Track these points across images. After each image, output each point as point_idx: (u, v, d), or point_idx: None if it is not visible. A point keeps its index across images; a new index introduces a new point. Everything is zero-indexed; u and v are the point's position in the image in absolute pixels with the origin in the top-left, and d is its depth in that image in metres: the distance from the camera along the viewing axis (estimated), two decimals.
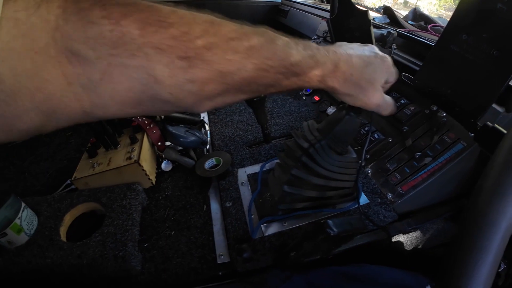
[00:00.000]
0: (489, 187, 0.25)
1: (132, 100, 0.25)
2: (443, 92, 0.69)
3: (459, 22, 0.66)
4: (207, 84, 0.27)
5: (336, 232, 0.42)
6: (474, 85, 0.64)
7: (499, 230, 0.23)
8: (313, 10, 1.61)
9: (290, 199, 0.62)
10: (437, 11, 8.36)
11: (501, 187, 0.24)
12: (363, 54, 0.40)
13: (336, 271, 0.53)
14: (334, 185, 0.62)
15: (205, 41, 0.25)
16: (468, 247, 0.24)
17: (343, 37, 0.92)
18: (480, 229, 0.24)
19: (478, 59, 0.63)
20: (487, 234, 0.23)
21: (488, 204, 0.24)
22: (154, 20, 0.23)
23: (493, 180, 0.25)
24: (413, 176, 0.70)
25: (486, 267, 0.23)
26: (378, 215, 0.67)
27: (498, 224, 0.23)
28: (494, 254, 0.23)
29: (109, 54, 0.22)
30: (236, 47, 0.27)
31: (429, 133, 0.73)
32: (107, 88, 0.23)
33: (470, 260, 0.23)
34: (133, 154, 0.73)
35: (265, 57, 0.29)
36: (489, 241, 0.23)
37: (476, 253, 0.23)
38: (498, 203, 0.24)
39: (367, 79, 0.40)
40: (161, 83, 0.25)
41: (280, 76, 0.32)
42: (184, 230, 0.68)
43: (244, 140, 0.92)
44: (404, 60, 0.89)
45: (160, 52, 0.23)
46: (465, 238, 0.25)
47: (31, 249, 0.58)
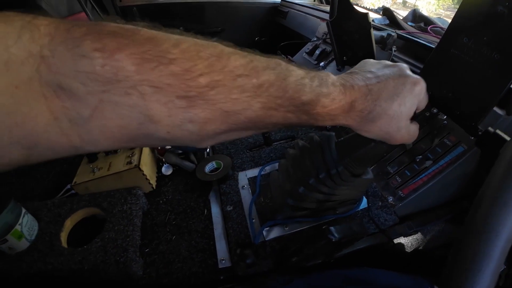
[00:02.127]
0: (491, 196, 0.25)
1: (125, 137, 0.24)
2: (443, 96, 0.69)
3: (460, 26, 0.66)
4: (208, 123, 0.25)
5: (337, 238, 0.42)
6: (475, 89, 0.64)
7: (501, 239, 0.24)
8: (313, 11, 1.61)
9: (291, 208, 0.62)
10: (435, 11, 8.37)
11: (503, 197, 0.24)
12: (386, 81, 0.34)
13: (337, 274, 0.53)
14: (341, 199, 0.61)
15: (209, 78, 0.23)
16: (471, 255, 0.24)
17: (343, 40, 0.92)
18: (482, 238, 0.24)
19: (479, 62, 0.63)
20: (489, 242, 0.24)
21: (491, 213, 0.24)
22: (153, 55, 0.21)
23: (495, 189, 0.26)
24: (413, 179, 0.70)
25: (489, 274, 0.23)
26: (379, 218, 0.67)
27: (500, 233, 0.24)
28: (496, 261, 0.24)
29: (101, 90, 0.20)
30: (243, 85, 0.25)
31: (429, 136, 0.73)
32: (98, 124, 0.22)
33: (473, 267, 0.24)
34: (133, 159, 0.73)
35: (275, 96, 0.27)
36: (491, 249, 0.24)
37: (478, 260, 0.24)
38: (500, 213, 0.24)
39: (392, 115, 0.34)
40: (157, 122, 0.23)
41: (290, 115, 0.29)
42: (185, 235, 0.68)
43: (244, 143, 0.92)
44: (404, 63, 0.89)
45: (158, 91, 0.22)
46: (468, 246, 0.25)
47: (32, 255, 0.58)
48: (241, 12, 1.99)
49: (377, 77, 0.34)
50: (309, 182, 0.55)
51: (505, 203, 0.24)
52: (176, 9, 1.89)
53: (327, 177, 0.53)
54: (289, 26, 1.84)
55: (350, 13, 0.85)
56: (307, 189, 0.56)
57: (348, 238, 0.44)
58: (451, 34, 0.68)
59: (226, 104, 0.24)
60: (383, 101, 0.33)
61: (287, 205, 0.60)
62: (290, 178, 0.60)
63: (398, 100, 0.33)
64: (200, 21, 1.96)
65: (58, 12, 1.26)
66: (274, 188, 0.66)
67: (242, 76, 0.25)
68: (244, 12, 2.00)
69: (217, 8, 1.94)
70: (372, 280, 0.54)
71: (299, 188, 0.56)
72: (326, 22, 0.94)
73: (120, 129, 0.23)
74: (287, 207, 0.60)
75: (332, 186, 0.55)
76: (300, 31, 1.69)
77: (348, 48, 0.93)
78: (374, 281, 0.54)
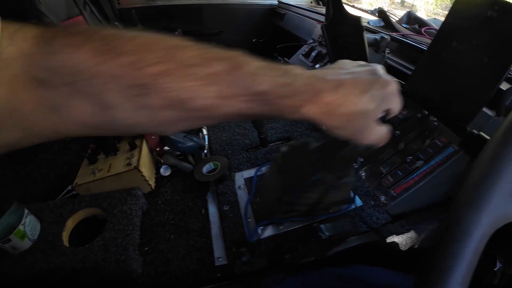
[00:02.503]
0: (465, 198, 0.27)
1: (93, 124, 0.27)
2: (434, 98, 0.70)
3: (450, 30, 0.68)
4: (163, 110, 0.27)
5: (327, 236, 0.43)
6: (464, 91, 0.65)
7: (472, 239, 0.25)
8: (309, 13, 1.62)
9: (284, 210, 0.64)
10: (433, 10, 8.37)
11: (476, 199, 0.26)
12: (360, 79, 0.34)
13: (330, 272, 0.55)
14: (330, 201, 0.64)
15: (159, 68, 0.25)
16: (444, 254, 0.25)
17: (337, 43, 0.94)
18: (454, 238, 0.25)
19: (468, 66, 0.64)
20: (461, 243, 0.25)
21: (463, 214, 0.26)
22: (108, 49, 0.24)
23: (470, 191, 0.27)
24: (405, 179, 0.72)
25: (460, 273, 0.24)
26: (371, 217, 0.68)
27: (472, 233, 0.25)
28: (468, 261, 0.25)
29: (69, 81, 0.24)
30: (195, 73, 0.26)
31: (421, 136, 0.75)
32: (69, 112, 0.25)
33: (445, 266, 0.25)
34: (133, 160, 0.74)
35: (228, 85, 0.28)
36: (463, 249, 0.25)
37: (450, 260, 0.25)
38: (473, 214, 0.25)
39: (360, 112, 0.33)
40: (114, 109, 0.26)
41: (249, 105, 0.29)
42: (183, 234, 0.69)
43: (241, 145, 0.94)
44: (397, 65, 0.91)
45: (112, 80, 0.24)
46: (441, 245, 0.26)
47: (35, 254, 0.60)
48: (239, 14, 2.01)
49: (349, 73, 0.34)
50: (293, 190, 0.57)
51: (478, 206, 0.25)
52: (175, 11, 1.91)
53: (310, 184, 0.55)
54: (286, 28, 1.85)
55: (343, 17, 0.87)
56: (293, 196, 0.58)
57: (339, 236, 0.46)
58: (441, 38, 0.70)
59: (179, 92, 0.26)
60: (353, 96, 0.33)
61: (278, 208, 0.62)
62: (277, 184, 0.62)
63: (367, 98, 0.33)
64: (198, 23, 1.98)
65: (57, 15, 1.27)
66: (266, 191, 0.68)
67: (195, 65, 0.26)
68: (242, 14, 2.01)
69: (215, 10, 1.95)
70: (365, 277, 0.56)
71: (284, 197, 0.58)
72: (321, 26, 0.96)
73: (87, 116, 0.26)
74: (278, 209, 0.63)
75: (316, 191, 0.57)
76: (297, 33, 1.71)
77: (342, 51, 0.95)
78: (367, 278, 0.56)
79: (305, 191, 0.55)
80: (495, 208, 0.26)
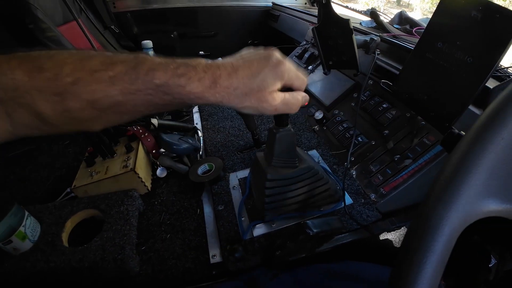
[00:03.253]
0: (435, 194, 0.28)
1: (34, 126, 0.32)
2: (419, 98, 0.72)
3: (435, 31, 0.69)
4: (81, 111, 0.32)
5: (314, 232, 0.45)
6: (449, 91, 0.67)
7: (442, 234, 0.26)
8: (303, 15, 1.64)
9: (273, 207, 0.67)
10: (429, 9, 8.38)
11: (445, 195, 0.27)
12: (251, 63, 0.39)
13: (321, 268, 0.57)
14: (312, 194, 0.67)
15: (72, 77, 0.31)
16: (416, 248, 0.27)
17: (328, 45, 0.96)
18: (425, 233, 0.27)
19: (453, 66, 0.66)
20: (430, 237, 0.26)
21: (433, 210, 0.27)
22: (36, 67, 0.30)
23: (439, 188, 0.28)
24: (394, 177, 0.74)
25: (431, 266, 0.26)
26: (362, 215, 0.70)
27: (441, 229, 0.26)
28: (439, 255, 0.26)
29: (13, 96, 0.30)
30: (99, 77, 0.31)
31: (409, 135, 0.77)
32: (17, 118, 0.31)
33: (417, 259, 0.26)
34: (129, 163, 0.76)
35: (129, 83, 0.33)
36: (433, 244, 0.26)
37: (422, 253, 0.26)
38: (442, 210, 0.27)
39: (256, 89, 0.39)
40: (45, 114, 0.31)
41: (151, 97, 0.34)
42: (179, 233, 0.71)
43: (235, 146, 0.96)
44: (387, 66, 0.93)
45: (40, 92, 0.30)
46: (414, 239, 0.28)
47: (35, 255, 0.62)
48: (234, 16, 2.02)
49: (244, 59, 0.39)
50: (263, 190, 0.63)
51: (447, 202, 0.27)
52: (170, 14, 1.92)
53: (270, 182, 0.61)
54: (281, 30, 1.87)
55: (333, 20, 0.89)
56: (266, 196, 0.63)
57: (326, 233, 0.48)
58: (426, 40, 0.72)
59: (90, 94, 0.31)
60: (247, 79, 0.38)
61: (267, 204, 0.65)
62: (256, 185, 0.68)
63: (260, 77, 0.38)
64: (193, 26, 2.00)
65: (53, 21, 1.28)
66: (254, 188, 0.72)
67: (99, 71, 0.32)
68: (237, 16, 2.03)
69: (210, 12, 1.97)
70: (354, 273, 0.58)
71: (259, 198, 0.65)
72: (312, 28, 0.98)
73: (29, 121, 0.32)
74: (268, 205, 0.65)
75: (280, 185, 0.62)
76: (291, 35, 1.73)
77: (333, 52, 0.97)
78: (356, 274, 0.58)
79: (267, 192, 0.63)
80: (464, 204, 0.27)
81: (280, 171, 0.63)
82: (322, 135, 0.98)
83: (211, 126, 1.07)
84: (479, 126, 0.29)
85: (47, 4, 1.27)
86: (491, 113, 0.29)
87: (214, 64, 0.38)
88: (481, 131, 0.29)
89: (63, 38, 1.23)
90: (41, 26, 1.16)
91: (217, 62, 0.38)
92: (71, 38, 1.29)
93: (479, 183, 0.27)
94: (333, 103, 1.03)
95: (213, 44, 2.08)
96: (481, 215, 0.28)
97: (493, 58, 0.58)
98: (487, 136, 0.28)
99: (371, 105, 0.89)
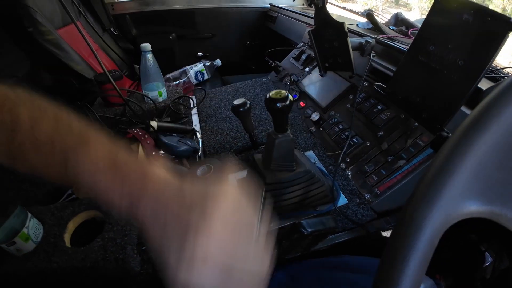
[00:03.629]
0: (419, 194, 0.29)
1: None
2: (412, 100, 0.74)
3: (427, 34, 0.71)
4: None
5: (309, 232, 0.47)
6: (441, 93, 0.68)
7: (425, 233, 0.27)
8: (300, 17, 1.66)
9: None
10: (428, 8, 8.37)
11: (428, 195, 0.28)
12: None
13: (317, 262, 0.58)
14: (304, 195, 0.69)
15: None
16: (400, 245, 0.28)
17: (324, 47, 0.98)
18: (409, 231, 0.28)
19: (444, 68, 0.67)
20: (414, 236, 0.27)
21: (416, 209, 0.28)
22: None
23: (422, 188, 0.29)
24: (389, 177, 0.75)
25: (414, 263, 0.27)
26: (357, 214, 0.72)
27: (423, 227, 0.27)
28: (422, 252, 0.27)
29: None
30: None
31: (403, 136, 0.78)
32: None
33: (401, 256, 0.27)
34: None
35: None
36: (416, 242, 0.27)
37: (406, 250, 0.27)
38: (424, 210, 0.28)
39: None
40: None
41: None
42: None
43: (233, 147, 0.98)
44: (382, 68, 0.94)
45: None
46: (398, 237, 0.29)
47: (38, 255, 0.63)
48: (232, 18, 2.04)
49: None
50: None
51: (429, 202, 0.28)
52: (168, 16, 1.94)
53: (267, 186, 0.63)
54: (278, 31, 1.89)
55: (328, 23, 0.91)
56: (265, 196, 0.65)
57: (320, 232, 0.50)
58: (418, 43, 0.73)
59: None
60: None
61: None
62: None
63: None
64: (191, 27, 2.01)
65: (53, 24, 1.29)
66: None
67: None
68: (235, 17, 2.04)
69: (208, 14, 1.98)
70: (355, 265, 0.59)
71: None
72: (308, 31, 1.00)
73: None
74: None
75: (277, 188, 0.64)
76: (288, 36, 1.74)
77: (329, 55, 0.99)
78: (358, 266, 0.59)
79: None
80: (446, 205, 0.28)
81: (278, 175, 0.65)
82: (318, 136, 0.99)
83: (209, 128, 1.09)
84: (462, 129, 0.30)
85: (46, 7, 1.28)
86: (475, 117, 0.30)
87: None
88: (464, 134, 0.29)
89: (63, 41, 1.24)
90: (40, 29, 1.17)
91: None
92: (70, 41, 1.31)
93: (461, 185, 0.28)
94: (329, 105, 1.05)
95: (211, 46, 2.10)
96: (463, 216, 0.29)
97: (484, 60, 0.60)
98: (470, 139, 0.29)
99: (366, 107, 0.91)
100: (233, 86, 1.41)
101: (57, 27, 1.34)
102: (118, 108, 1.08)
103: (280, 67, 1.41)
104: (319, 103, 1.09)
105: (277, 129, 0.61)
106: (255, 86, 1.39)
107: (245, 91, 1.36)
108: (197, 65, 1.70)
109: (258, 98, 1.28)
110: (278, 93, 0.56)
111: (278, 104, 0.55)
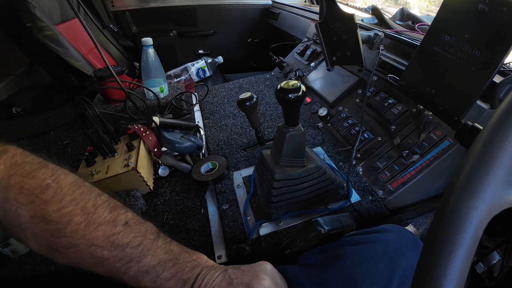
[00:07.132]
0: (461, 185, 0.27)
1: None
2: (427, 92, 0.71)
3: (441, 24, 0.68)
4: None
5: (326, 230, 0.44)
6: (457, 84, 0.66)
7: (471, 225, 0.25)
8: (303, 12, 1.63)
9: (280, 206, 0.65)
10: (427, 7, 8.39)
11: (472, 185, 0.26)
12: None
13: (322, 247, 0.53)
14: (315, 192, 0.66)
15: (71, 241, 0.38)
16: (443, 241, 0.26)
17: (331, 40, 0.94)
18: (453, 225, 0.25)
19: (460, 59, 0.65)
20: (459, 229, 0.25)
21: (460, 200, 0.26)
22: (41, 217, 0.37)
23: (465, 178, 0.27)
24: (402, 173, 0.72)
25: (460, 259, 0.25)
26: (370, 212, 0.69)
27: (469, 219, 0.25)
28: (467, 247, 0.25)
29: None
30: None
31: (416, 131, 0.75)
32: None
33: (445, 252, 0.25)
34: (131, 161, 0.74)
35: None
36: (461, 235, 0.25)
37: (450, 246, 0.25)
38: (470, 200, 0.25)
39: None
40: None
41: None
42: (182, 233, 0.69)
43: (238, 144, 0.94)
44: (391, 61, 0.91)
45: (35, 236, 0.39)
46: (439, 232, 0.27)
47: (35, 257, 0.60)
48: (233, 14, 2.01)
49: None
50: (271, 189, 0.62)
51: (474, 191, 0.26)
52: (168, 13, 1.91)
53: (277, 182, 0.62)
54: (281, 27, 1.86)
55: (337, 15, 0.88)
56: (273, 196, 0.63)
57: (337, 230, 0.46)
58: (433, 33, 0.70)
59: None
60: None
61: (272, 203, 0.63)
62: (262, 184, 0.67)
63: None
64: (192, 24, 1.98)
65: (51, 19, 1.26)
66: (258, 187, 0.70)
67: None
68: (236, 14, 2.02)
69: (209, 11, 1.96)
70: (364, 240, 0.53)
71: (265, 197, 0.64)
72: (315, 23, 0.97)
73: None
74: (273, 204, 0.64)
75: (287, 185, 0.61)
76: (291, 32, 1.71)
77: (336, 48, 0.96)
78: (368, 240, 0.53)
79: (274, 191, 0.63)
80: (491, 193, 0.26)
81: (288, 171, 0.61)
82: (326, 132, 0.96)
83: (213, 124, 1.06)
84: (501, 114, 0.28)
85: (45, 3, 1.26)
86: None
87: None
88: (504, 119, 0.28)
89: (61, 36, 1.21)
90: (39, 24, 1.14)
91: None
92: (69, 37, 1.28)
93: (504, 172, 0.27)
94: (337, 100, 1.02)
95: (213, 43, 2.07)
96: (506, 204, 0.28)
97: (501, 51, 0.58)
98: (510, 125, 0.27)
99: (376, 101, 0.88)
100: (236, 83, 1.38)
101: (56, 22, 1.31)
102: (118, 105, 1.05)
103: (284, 62, 1.38)
104: (326, 98, 1.06)
105: (288, 122, 0.57)
106: (259, 82, 1.36)
107: (248, 87, 1.33)
108: (199, 62, 1.66)
109: (262, 94, 1.25)
110: (290, 83, 0.53)
111: (290, 95, 0.52)
